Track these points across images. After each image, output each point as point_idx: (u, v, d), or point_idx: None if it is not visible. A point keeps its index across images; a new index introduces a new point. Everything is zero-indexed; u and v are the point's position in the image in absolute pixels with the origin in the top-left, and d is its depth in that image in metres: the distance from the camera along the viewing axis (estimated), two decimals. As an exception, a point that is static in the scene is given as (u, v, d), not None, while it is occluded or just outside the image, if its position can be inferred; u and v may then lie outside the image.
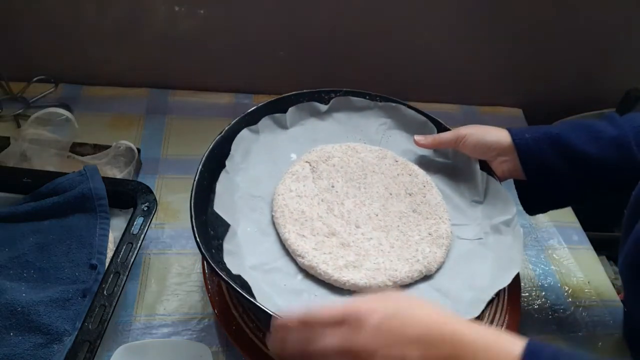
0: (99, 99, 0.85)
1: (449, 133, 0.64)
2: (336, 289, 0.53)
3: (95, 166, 0.65)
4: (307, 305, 0.49)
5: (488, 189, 0.62)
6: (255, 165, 0.62)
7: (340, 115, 0.70)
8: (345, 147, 0.66)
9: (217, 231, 0.53)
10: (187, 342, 0.56)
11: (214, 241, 0.52)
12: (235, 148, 0.60)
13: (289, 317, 0.39)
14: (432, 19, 0.86)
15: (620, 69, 0.97)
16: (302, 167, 0.62)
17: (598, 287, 0.71)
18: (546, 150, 0.57)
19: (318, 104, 0.68)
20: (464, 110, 0.98)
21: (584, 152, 0.55)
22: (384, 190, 0.62)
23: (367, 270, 0.53)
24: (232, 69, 0.90)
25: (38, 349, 0.50)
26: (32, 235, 0.59)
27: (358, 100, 0.70)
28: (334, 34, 0.86)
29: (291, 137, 0.66)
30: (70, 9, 0.78)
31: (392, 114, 0.71)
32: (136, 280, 0.62)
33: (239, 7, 0.81)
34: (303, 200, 0.59)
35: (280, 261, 0.54)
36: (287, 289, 0.51)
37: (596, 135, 0.55)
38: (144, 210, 0.61)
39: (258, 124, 0.64)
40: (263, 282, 0.51)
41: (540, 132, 0.58)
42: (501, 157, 0.60)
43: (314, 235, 0.56)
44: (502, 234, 0.58)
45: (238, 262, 0.51)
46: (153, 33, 0.83)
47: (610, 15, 0.88)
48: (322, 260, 0.53)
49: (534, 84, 0.98)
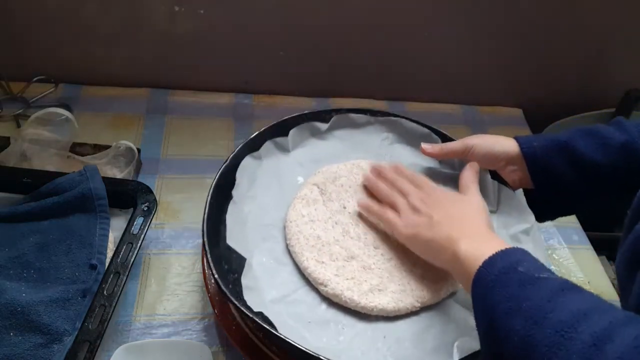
0: (99, 99, 0.85)
1: (457, 143, 0.62)
2: (363, 315, 0.52)
3: (95, 166, 0.65)
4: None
5: (501, 198, 0.61)
6: (263, 193, 0.61)
7: (341, 132, 0.69)
8: (350, 166, 0.65)
9: (232, 265, 0.52)
10: (187, 342, 0.56)
11: (230, 275, 0.51)
12: (240, 176, 0.59)
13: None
14: (432, 19, 0.86)
15: (620, 69, 0.97)
16: (311, 191, 0.61)
17: (598, 287, 0.71)
18: (554, 158, 0.56)
19: (318, 124, 0.67)
20: (464, 110, 0.98)
21: (592, 160, 0.55)
22: None
23: (393, 293, 0.52)
24: (232, 69, 0.90)
25: (38, 349, 0.50)
26: (32, 235, 0.59)
27: (358, 117, 0.69)
28: (334, 34, 0.86)
29: (295, 159, 0.65)
30: (71, 9, 0.78)
31: (394, 128, 0.70)
32: (136, 280, 0.62)
33: (239, 7, 0.81)
34: (317, 224, 0.57)
35: (301, 291, 0.53)
36: (313, 321, 0.50)
37: (604, 142, 0.55)
38: (144, 210, 0.61)
39: (260, 150, 0.63)
40: (287, 315, 0.50)
41: (548, 140, 0.57)
42: (510, 167, 0.59)
43: (334, 261, 0.54)
44: (522, 243, 0.57)
45: (258, 298, 0.50)
46: (153, 33, 0.83)
47: (610, 15, 0.88)
48: (346, 286, 0.52)
49: (534, 84, 0.98)
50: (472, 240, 0.47)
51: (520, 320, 0.36)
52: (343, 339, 0.50)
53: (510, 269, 0.41)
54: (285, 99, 0.92)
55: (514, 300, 0.38)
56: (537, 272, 0.40)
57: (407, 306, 0.52)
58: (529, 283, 0.39)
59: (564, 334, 0.33)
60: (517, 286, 0.39)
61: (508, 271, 0.40)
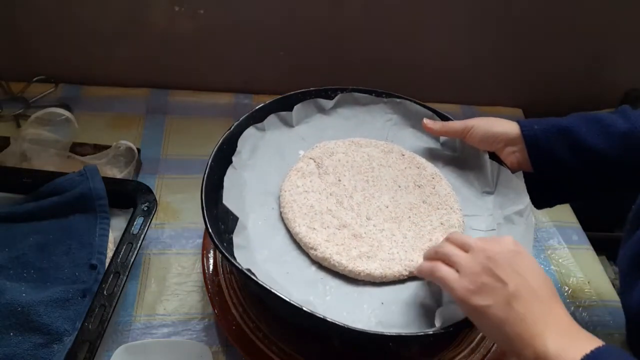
0: (99, 99, 0.85)
1: (458, 122, 0.63)
2: (350, 279, 0.53)
3: (95, 166, 0.65)
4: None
5: (499, 179, 0.62)
6: (263, 162, 0.62)
7: (346, 111, 0.70)
8: (349, 142, 0.66)
9: (228, 225, 0.52)
10: (187, 342, 0.56)
11: (225, 235, 0.52)
12: (242, 144, 0.60)
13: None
14: (433, 19, 0.86)
15: (620, 69, 0.97)
16: (307, 164, 0.62)
17: (598, 287, 0.71)
18: (555, 142, 0.56)
19: (323, 101, 0.68)
20: (464, 110, 0.98)
21: (593, 146, 0.54)
22: (392, 183, 0.62)
23: (381, 261, 0.53)
24: (232, 69, 0.90)
25: (38, 349, 0.50)
26: (32, 235, 0.59)
27: (363, 96, 0.70)
28: (334, 34, 0.86)
29: (298, 134, 0.66)
30: (71, 9, 0.78)
31: (398, 110, 0.71)
32: (136, 280, 0.62)
33: (239, 7, 0.81)
34: (311, 195, 0.58)
35: (292, 254, 0.54)
36: (301, 280, 0.51)
37: (606, 130, 0.54)
38: (144, 210, 0.61)
39: (264, 122, 0.64)
40: (276, 274, 0.51)
41: (550, 125, 0.57)
42: (510, 148, 0.59)
43: (325, 228, 0.55)
44: (515, 224, 0.57)
45: (248, 256, 0.51)
46: (153, 33, 0.83)
47: (610, 15, 0.88)
48: (335, 251, 0.53)
49: (534, 84, 0.98)
50: (559, 334, 0.39)
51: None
52: (330, 299, 0.51)
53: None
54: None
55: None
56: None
57: (395, 273, 0.52)
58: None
59: None
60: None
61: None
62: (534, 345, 0.38)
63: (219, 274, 0.59)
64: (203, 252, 0.61)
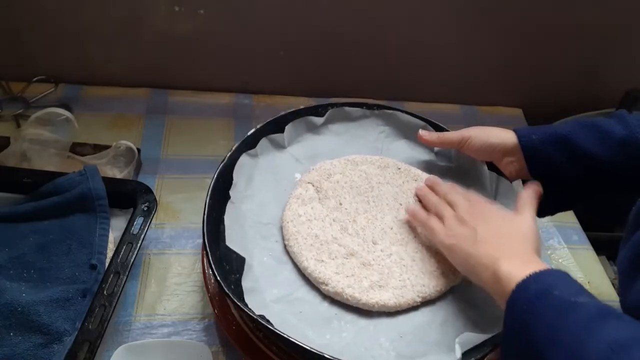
0: (99, 99, 0.85)
1: (454, 133, 0.63)
2: (365, 311, 0.52)
3: (95, 166, 0.65)
4: None
5: (498, 189, 0.61)
6: (260, 191, 0.60)
7: (337, 126, 0.69)
8: (345, 162, 0.65)
9: (232, 265, 0.52)
10: (187, 342, 0.56)
11: (231, 276, 0.51)
12: (237, 175, 0.58)
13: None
14: (432, 19, 0.86)
15: (620, 69, 0.97)
16: (306, 189, 0.61)
17: (598, 287, 0.71)
18: (553, 151, 0.56)
19: (314, 118, 0.67)
20: (464, 110, 0.98)
21: (591, 154, 0.54)
22: (393, 202, 0.61)
23: (393, 289, 0.52)
24: (232, 69, 0.90)
25: (38, 349, 0.50)
26: (32, 235, 0.59)
27: (354, 110, 0.69)
28: (333, 34, 0.86)
29: (291, 155, 0.65)
30: (71, 9, 0.78)
31: (390, 121, 0.70)
32: (136, 280, 0.62)
33: (239, 7, 0.81)
34: (314, 223, 0.57)
35: (302, 290, 0.53)
36: (316, 318, 0.50)
37: (604, 136, 0.54)
38: (144, 210, 0.61)
39: (256, 147, 0.62)
40: (289, 314, 0.50)
41: (547, 133, 0.57)
42: (507, 158, 0.59)
43: (333, 259, 0.54)
44: None
45: (259, 299, 0.50)
46: (153, 33, 0.83)
47: (610, 15, 0.88)
48: (347, 284, 0.52)
49: (534, 84, 0.98)
50: (514, 261, 0.44)
51: (558, 353, 0.35)
52: (346, 335, 0.50)
53: (545, 293, 0.39)
54: (285, 99, 0.92)
55: (552, 330, 0.37)
56: (573, 296, 0.38)
57: (408, 301, 0.52)
58: (565, 310, 0.37)
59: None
60: (553, 313, 0.37)
61: (543, 295, 0.39)
62: (492, 268, 0.45)
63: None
64: (203, 252, 0.61)
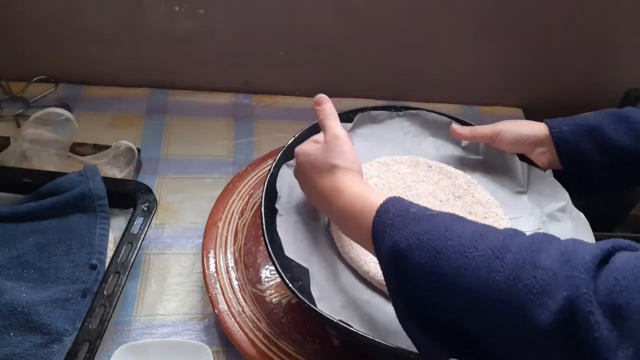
0: (99, 99, 0.85)
1: (487, 127, 0.64)
2: None
3: (95, 166, 0.65)
4: None
5: (530, 178, 0.62)
6: (304, 201, 0.60)
7: (364, 130, 0.69)
8: (377, 164, 0.65)
9: (293, 273, 0.51)
10: (187, 342, 0.56)
11: (294, 283, 0.50)
12: (280, 187, 0.58)
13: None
14: (433, 19, 0.86)
15: (620, 69, 0.97)
16: None
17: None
18: (583, 142, 0.58)
19: (343, 124, 0.66)
20: (464, 110, 0.98)
21: (620, 144, 0.56)
22: (432, 199, 0.61)
23: None
24: (232, 69, 0.90)
25: (38, 349, 0.50)
26: (32, 235, 0.59)
27: (379, 113, 0.69)
28: (334, 34, 0.86)
29: None
30: (71, 9, 0.78)
31: (415, 121, 0.70)
32: (136, 280, 0.62)
33: (239, 7, 0.81)
34: None
35: (366, 293, 0.53)
36: (387, 320, 0.50)
37: (633, 127, 0.56)
38: (144, 210, 0.61)
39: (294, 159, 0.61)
40: (360, 319, 0.50)
41: (577, 125, 0.59)
42: (539, 149, 0.61)
43: None
44: (560, 221, 0.58)
45: (331, 306, 0.49)
46: (153, 33, 0.83)
47: (610, 15, 0.88)
48: None
49: (534, 84, 0.98)
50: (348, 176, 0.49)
51: (424, 253, 0.38)
52: None
53: (403, 211, 0.42)
54: (285, 99, 0.92)
55: (414, 237, 0.39)
56: (428, 211, 0.42)
57: None
58: (424, 219, 0.41)
59: (467, 255, 0.36)
60: (413, 224, 0.40)
61: (402, 213, 0.42)
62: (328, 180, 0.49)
63: (219, 274, 0.59)
64: (203, 252, 0.61)
